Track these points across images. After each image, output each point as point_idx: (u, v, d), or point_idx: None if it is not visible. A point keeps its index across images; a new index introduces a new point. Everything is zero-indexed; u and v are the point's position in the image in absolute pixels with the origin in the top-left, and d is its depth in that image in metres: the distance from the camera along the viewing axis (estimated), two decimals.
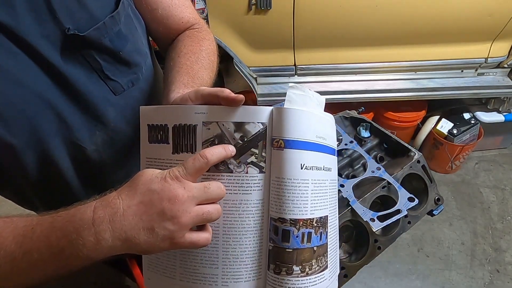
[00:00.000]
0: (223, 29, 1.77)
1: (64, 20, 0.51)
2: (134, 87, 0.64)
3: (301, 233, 0.46)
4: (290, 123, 0.47)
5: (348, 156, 0.97)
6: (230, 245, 0.47)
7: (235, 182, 0.47)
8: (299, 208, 0.47)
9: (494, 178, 2.29)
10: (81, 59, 0.55)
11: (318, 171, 0.49)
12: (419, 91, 2.00)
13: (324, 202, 0.50)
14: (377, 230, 0.76)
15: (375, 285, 1.76)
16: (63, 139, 0.58)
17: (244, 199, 0.47)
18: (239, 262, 0.47)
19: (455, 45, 1.92)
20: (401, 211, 0.74)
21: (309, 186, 0.47)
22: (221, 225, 0.47)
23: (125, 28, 0.59)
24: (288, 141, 0.47)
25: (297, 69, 1.95)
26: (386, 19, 1.77)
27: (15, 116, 0.51)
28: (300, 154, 0.47)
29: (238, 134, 0.47)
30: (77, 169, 0.63)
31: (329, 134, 0.54)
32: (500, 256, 1.88)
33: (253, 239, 0.47)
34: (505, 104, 2.13)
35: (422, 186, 0.86)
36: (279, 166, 0.47)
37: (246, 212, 0.47)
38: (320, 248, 0.49)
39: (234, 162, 0.47)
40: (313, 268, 0.47)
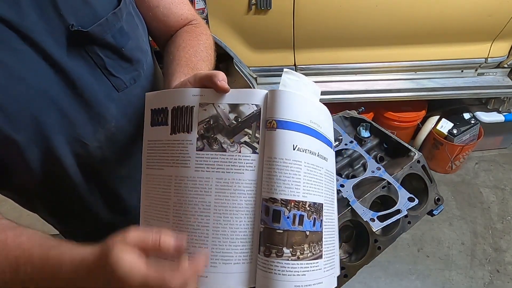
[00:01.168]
0: (223, 29, 1.77)
1: (68, 17, 0.52)
2: (136, 84, 0.65)
3: (292, 214, 0.46)
4: (282, 104, 0.48)
5: (348, 156, 0.97)
6: (220, 224, 0.47)
7: (228, 161, 0.48)
8: (291, 188, 0.47)
9: (494, 178, 2.29)
10: (85, 55, 0.55)
11: (312, 156, 0.49)
12: (419, 91, 2.00)
13: (318, 189, 0.50)
14: (377, 230, 0.76)
15: (375, 285, 1.76)
16: (66, 136, 0.58)
17: (236, 178, 0.47)
18: (229, 242, 0.47)
19: (455, 45, 1.92)
20: (401, 211, 0.74)
21: (302, 168, 0.48)
22: (213, 203, 0.47)
23: (127, 25, 0.60)
24: (281, 121, 0.47)
25: (297, 69, 1.95)
26: (386, 19, 1.77)
27: (20, 112, 0.51)
28: (293, 135, 0.48)
29: (232, 115, 0.48)
30: (80, 166, 0.63)
31: (324, 124, 0.54)
32: (500, 256, 1.88)
33: (244, 221, 0.47)
34: (505, 104, 2.13)
35: (422, 186, 0.86)
36: (272, 146, 0.47)
37: (238, 191, 0.47)
38: (314, 235, 0.48)
39: (228, 141, 0.48)
40: (305, 253, 0.47)
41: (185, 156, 0.49)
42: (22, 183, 0.62)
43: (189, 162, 0.49)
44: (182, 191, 0.49)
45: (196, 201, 0.48)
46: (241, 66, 1.87)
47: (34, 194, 0.67)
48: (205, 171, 0.48)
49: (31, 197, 0.68)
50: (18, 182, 0.62)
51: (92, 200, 0.70)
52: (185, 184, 0.49)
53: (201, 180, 0.48)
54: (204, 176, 0.48)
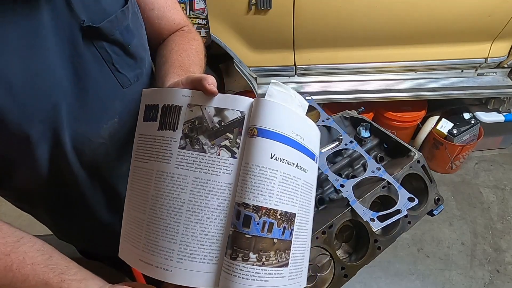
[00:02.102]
0: (223, 29, 1.77)
1: (80, 13, 0.54)
2: (139, 82, 0.67)
3: (262, 221, 0.47)
4: (265, 113, 0.49)
5: (348, 156, 0.97)
6: (191, 222, 0.48)
7: (206, 162, 0.49)
8: (264, 196, 0.48)
9: (494, 178, 2.29)
10: (94, 51, 0.57)
11: (289, 166, 0.50)
12: (419, 91, 2.00)
13: (293, 199, 0.51)
14: (377, 230, 0.76)
15: (375, 285, 1.76)
16: (72, 132, 0.59)
17: (212, 179, 0.49)
18: (197, 241, 0.48)
19: (455, 45, 1.92)
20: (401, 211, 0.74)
21: (277, 177, 0.49)
22: (187, 201, 0.49)
23: (132, 24, 0.63)
24: (261, 130, 0.49)
25: (297, 69, 1.95)
26: (386, 19, 1.77)
27: (35, 107, 0.52)
28: (272, 144, 0.49)
29: (216, 118, 0.50)
30: (84, 163, 0.64)
31: (308, 137, 0.55)
32: (500, 256, 1.88)
33: (215, 222, 0.48)
34: (505, 104, 2.13)
35: (422, 186, 0.86)
36: (250, 152, 0.49)
37: (212, 192, 0.49)
38: (282, 243, 0.49)
39: (208, 143, 0.49)
40: (270, 259, 0.48)
41: (167, 153, 0.51)
42: (26, 180, 0.62)
43: (171, 158, 0.50)
44: (160, 186, 0.50)
45: (172, 197, 0.49)
46: (241, 66, 1.87)
47: (35, 192, 0.67)
48: (184, 169, 0.49)
49: (31, 195, 0.68)
50: (22, 179, 0.62)
51: (93, 198, 0.71)
52: (164, 179, 0.50)
53: (179, 177, 0.49)
54: (182, 174, 0.49)
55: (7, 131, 0.51)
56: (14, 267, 0.49)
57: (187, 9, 1.64)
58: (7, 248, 0.50)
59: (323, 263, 0.73)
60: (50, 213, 0.75)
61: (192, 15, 1.66)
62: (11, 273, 0.49)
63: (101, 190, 0.71)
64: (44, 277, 0.49)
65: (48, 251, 0.53)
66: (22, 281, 0.49)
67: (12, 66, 0.48)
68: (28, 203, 0.73)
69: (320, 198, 0.90)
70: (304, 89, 1.96)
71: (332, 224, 0.74)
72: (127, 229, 0.55)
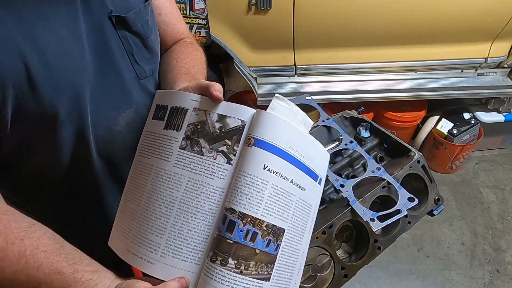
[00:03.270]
0: (223, 29, 1.77)
1: (108, 4, 0.58)
2: (153, 76, 0.70)
3: (246, 228, 0.48)
4: (264, 125, 0.50)
5: (348, 156, 0.97)
6: (179, 220, 0.50)
7: (202, 164, 0.51)
8: (251, 204, 0.48)
9: (494, 178, 2.29)
10: (117, 40, 0.61)
11: (283, 180, 0.51)
12: (419, 91, 2.00)
13: (283, 214, 0.51)
14: (377, 230, 0.76)
15: (375, 285, 1.76)
16: (95, 117, 0.61)
17: (205, 182, 0.50)
18: (182, 239, 0.49)
19: (455, 45, 1.92)
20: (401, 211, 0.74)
21: (268, 188, 0.49)
22: (179, 199, 0.50)
23: (150, 20, 0.68)
24: (259, 140, 0.50)
25: (297, 69, 1.95)
26: (386, 19, 1.77)
27: (66, 85, 0.54)
28: (267, 155, 0.50)
29: (218, 124, 0.52)
30: (102, 150, 0.66)
31: (310, 156, 0.56)
32: (500, 256, 1.88)
33: (202, 223, 0.49)
34: (505, 104, 2.13)
35: (422, 186, 0.86)
36: (244, 160, 0.50)
37: (204, 194, 0.50)
38: (264, 255, 0.49)
39: (207, 146, 0.51)
40: (249, 269, 0.48)
41: (168, 151, 0.53)
42: (41, 166, 0.63)
43: (171, 157, 0.52)
44: (157, 182, 0.52)
45: (166, 193, 0.51)
46: (241, 66, 1.87)
47: (45, 182, 0.67)
48: (181, 169, 0.51)
49: (39, 186, 0.68)
50: (37, 165, 0.62)
51: (106, 188, 0.72)
52: (161, 176, 0.52)
53: (175, 176, 0.51)
54: (179, 173, 0.51)
55: (39, 105, 0.52)
56: (27, 253, 0.49)
57: (187, 9, 1.64)
58: (20, 233, 0.50)
59: (323, 263, 0.73)
60: (53, 208, 0.74)
61: (192, 15, 1.66)
62: (24, 259, 0.49)
63: (114, 180, 0.72)
64: (58, 266, 0.49)
65: (60, 240, 0.53)
66: (35, 268, 0.49)
67: (51, 42, 0.51)
68: (31, 197, 0.72)
69: None
70: (304, 89, 1.96)
71: (332, 224, 0.74)
72: (120, 219, 0.57)
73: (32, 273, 0.49)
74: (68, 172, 0.65)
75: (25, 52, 0.49)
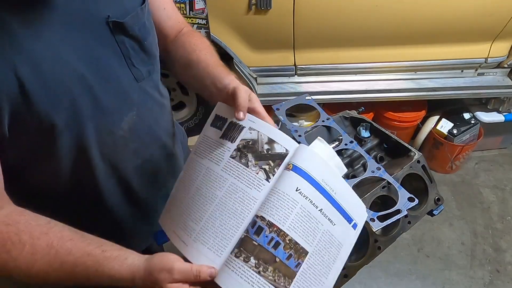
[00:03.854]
0: (223, 29, 1.77)
1: (104, 9, 0.58)
2: (150, 78, 0.70)
3: (271, 236, 0.54)
4: (303, 156, 0.59)
5: (348, 156, 0.97)
6: (215, 215, 0.57)
7: (245, 174, 0.59)
8: (279, 216, 0.55)
9: (494, 178, 2.29)
10: (114, 45, 0.61)
11: (312, 206, 0.57)
12: (419, 91, 2.00)
13: (307, 236, 0.56)
14: (377, 230, 0.76)
15: (375, 285, 1.76)
16: (96, 123, 0.61)
17: (244, 190, 0.58)
18: (213, 231, 0.57)
19: (455, 45, 1.92)
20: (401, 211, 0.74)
21: (296, 207, 0.56)
22: (219, 198, 0.58)
23: (148, 22, 0.68)
24: (296, 167, 0.58)
25: (297, 69, 1.95)
26: (386, 19, 1.77)
27: (62, 95, 0.54)
28: (301, 180, 0.57)
29: (266, 146, 0.61)
30: (104, 155, 0.66)
31: (345, 197, 0.61)
32: (500, 256, 1.88)
33: (232, 223, 0.56)
34: (505, 104, 2.13)
35: (422, 186, 0.86)
36: (281, 181, 0.58)
37: (240, 199, 0.57)
38: (284, 266, 0.53)
39: (253, 161, 0.60)
40: (267, 273, 0.52)
41: (220, 157, 0.62)
42: (42, 175, 0.63)
43: (221, 162, 0.61)
44: (205, 179, 0.61)
45: (210, 191, 0.60)
46: (241, 66, 1.87)
47: (47, 190, 0.67)
48: (227, 174, 0.60)
49: (41, 193, 0.68)
50: (38, 174, 0.63)
51: (108, 192, 0.72)
52: (210, 176, 0.61)
53: (221, 178, 0.60)
54: (224, 176, 0.60)
55: (35, 118, 0.52)
56: (55, 244, 0.53)
57: (187, 9, 1.64)
58: (42, 228, 0.54)
59: None
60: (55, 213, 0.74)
61: (192, 15, 1.66)
62: (54, 249, 0.52)
63: (116, 183, 0.72)
64: (86, 249, 0.53)
65: (78, 231, 0.56)
66: (66, 254, 0.52)
67: (44, 53, 0.51)
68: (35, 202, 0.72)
69: None
70: (304, 89, 1.96)
71: None
72: (171, 203, 0.67)
73: (64, 259, 0.53)
74: (70, 178, 0.65)
75: (18, 66, 0.49)
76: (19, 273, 0.53)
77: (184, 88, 2.12)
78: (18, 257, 0.52)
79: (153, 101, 0.73)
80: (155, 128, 0.75)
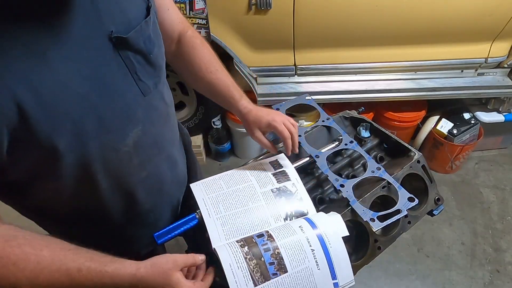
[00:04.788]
0: (223, 29, 1.77)
1: (108, 25, 0.56)
2: (157, 89, 0.69)
3: (266, 241, 0.69)
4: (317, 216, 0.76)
5: (348, 156, 0.97)
6: (239, 215, 0.76)
7: (274, 207, 0.78)
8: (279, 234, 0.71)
9: (494, 178, 2.29)
10: (119, 60, 0.59)
11: (307, 242, 0.69)
12: (419, 91, 2.00)
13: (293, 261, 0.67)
14: (377, 230, 0.76)
15: (375, 285, 1.76)
16: (100, 142, 0.60)
17: (266, 215, 0.77)
18: (233, 223, 0.75)
19: (455, 45, 1.92)
20: (401, 211, 0.74)
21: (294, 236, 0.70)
22: (249, 207, 0.78)
23: (153, 34, 0.66)
24: (307, 217, 0.76)
25: (297, 69, 1.95)
26: (386, 19, 1.77)
27: (63, 118, 0.53)
28: (304, 223, 0.73)
29: (296, 200, 0.81)
30: (107, 171, 0.65)
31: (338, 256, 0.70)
32: (500, 256, 1.88)
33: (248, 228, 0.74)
34: (505, 104, 2.13)
35: (422, 186, 0.86)
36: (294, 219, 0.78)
37: (261, 217, 0.76)
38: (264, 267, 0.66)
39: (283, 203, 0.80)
40: (250, 263, 0.65)
41: (264, 185, 0.82)
42: (45, 192, 0.63)
43: (263, 188, 0.81)
44: (246, 189, 0.81)
45: (244, 198, 0.79)
46: (241, 66, 1.87)
47: (51, 203, 0.67)
48: (263, 197, 0.80)
49: (45, 206, 0.68)
50: (41, 190, 0.62)
51: (111, 204, 0.71)
52: (250, 189, 0.81)
53: (257, 197, 0.79)
54: (260, 198, 0.79)
55: (36, 142, 0.51)
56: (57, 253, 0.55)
57: (187, 9, 1.64)
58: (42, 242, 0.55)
59: None
60: (59, 222, 0.74)
61: (192, 15, 1.66)
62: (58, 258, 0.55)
63: (119, 196, 0.72)
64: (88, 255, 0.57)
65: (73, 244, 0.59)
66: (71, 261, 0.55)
67: (45, 77, 0.50)
68: (39, 216, 0.73)
69: (320, 198, 0.90)
70: (304, 89, 1.96)
71: None
72: (210, 182, 0.83)
73: (69, 266, 0.55)
74: (73, 194, 0.65)
75: (18, 93, 0.48)
76: (26, 284, 0.53)
77: (184, 88, 2.12)
78: (25, 268, 0.53)
79: (159, 113, 0.72)
80: (160, 140, 0.74)
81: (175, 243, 1.07)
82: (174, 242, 0.81)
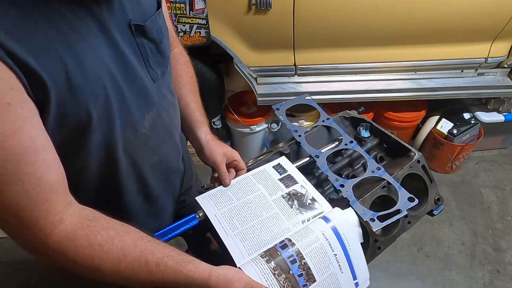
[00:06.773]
0: (223, 29, 1.77)
1: (128, 13, 0.62)
2: (163, 78, 0.73)
3: (292, 253, 0.67)
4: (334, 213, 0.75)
5: (348, 156, 0.98)
6: (256, 227, 0.74)
7: (288, 212, 0.77)
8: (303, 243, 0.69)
9: (494, 178, 2.29)
10: (135, 47, 0.64)
11: (329, 247, 0.69)
12: (419, 91, 2.00)
13: (318, 268, 0.68)
14: (377, 230, 0.76)
15: (375, 285, 1.76)
16: (123, 121, 0.64)
17: (283, 220, 0.76)
18: (252, 237, 0.72)
19: (455, 45, 1.92)
20: (401, 211, 0.74)
21: (317, 242, 0.69)
22: (264, 217, 0.76)
23: (163, 26, 0.72)
24: (326, 218, 0.74)
25: (297, 69, 1.95)
26: (386, 19, 1.77)
27: (99, 91, 0.57)
28: (326, 227, 0.72)
29: (309, 201, 0.80)
30: (127, 152, 0.68)
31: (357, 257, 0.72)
32: (500, 256, 1.88)
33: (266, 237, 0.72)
34: (505, 104, 2.13)
35: (422, 186, 0.86)
36: (312, 223, 0.75)
37: (278, 224, 0.75)
38: (294, 280, 0.65)
39: (296, 206, 0.79)
40: (279, 278, 0.64)
41: (274, 191, 0.81)
42: (70, 169, 0.63)
43: (274, 195, 0.81)
44: (257, 199, 0.80)
45: (257, 208, 0.78)
46: (241, 66, 1.87)
47: (74, 178, 0.67)
48: (275, 205, 0.79)
49: None
50: (67, 167, 0.63)
51: (127, 186, 0.74)
52: (261, 199, 0.80)
53: (270, 205, 0.78)
54: (272, 205, 0.78)
55: (75, 111, 0.55)
56: (138, 242, 0.57)
57: (187, 9, 1.64)
58: (123, 228, 0.58)
59: None
60: None
61: (192, 15, 1.66)
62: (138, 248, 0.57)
63: (135, 180, 0.75)
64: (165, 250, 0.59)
65: None
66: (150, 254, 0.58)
67: (86, 51, 0.55)
68: None
69: None
70: (304, 89, 1.96)
71: None
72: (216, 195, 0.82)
73: (148, 258, 0.57)
74: (95, 174, 0.67)
75: (66, 61, 0.52)
76: (108, 269, 0.55)
77: None
78: (110, 251, 0.54)
79: (168, 101, 0.76)
80: (170, 126, 0.79)
81: (175, 243, 1.07)
82: (174, 242, 0.81)
